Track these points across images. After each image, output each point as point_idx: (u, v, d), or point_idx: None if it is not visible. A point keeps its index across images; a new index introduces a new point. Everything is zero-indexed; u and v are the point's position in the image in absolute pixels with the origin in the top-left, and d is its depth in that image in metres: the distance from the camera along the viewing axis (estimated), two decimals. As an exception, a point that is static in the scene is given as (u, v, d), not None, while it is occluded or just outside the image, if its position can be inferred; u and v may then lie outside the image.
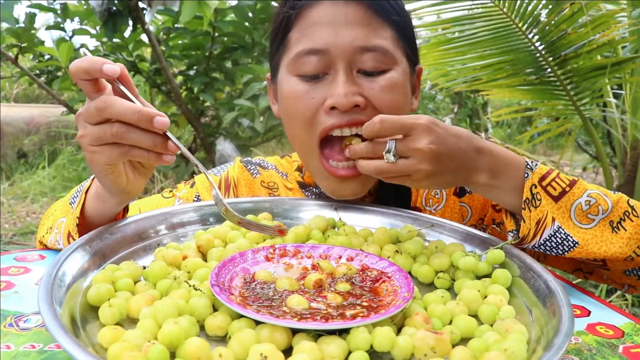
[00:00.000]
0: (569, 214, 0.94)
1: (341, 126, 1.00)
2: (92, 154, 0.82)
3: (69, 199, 1.03)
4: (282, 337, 0.65)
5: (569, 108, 2.99)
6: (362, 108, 0.99)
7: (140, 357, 0.57)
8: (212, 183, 0.91)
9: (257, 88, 3.56)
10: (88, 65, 0.78)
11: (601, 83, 2.86)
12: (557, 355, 0.59)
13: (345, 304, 0.73)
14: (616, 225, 0.94)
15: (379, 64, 1.00)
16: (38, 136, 6.32)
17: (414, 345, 0.65)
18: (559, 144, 7.46)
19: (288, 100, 1.05)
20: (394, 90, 1.02)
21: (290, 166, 1.27)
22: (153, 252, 0.90)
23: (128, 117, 0.78)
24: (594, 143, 3.14)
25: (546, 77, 2.88)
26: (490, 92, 3.40)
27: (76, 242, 0.82)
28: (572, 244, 0.93)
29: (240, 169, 1.25)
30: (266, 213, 1.05)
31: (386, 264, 0.86)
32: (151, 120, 0.78)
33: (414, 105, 1.13)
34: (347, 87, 0.98)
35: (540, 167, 0.95)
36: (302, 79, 1.02)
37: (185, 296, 0.73)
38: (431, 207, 1.19)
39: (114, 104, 0.78)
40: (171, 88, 3.60)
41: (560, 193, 0.94)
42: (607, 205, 0.94)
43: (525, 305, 0.81)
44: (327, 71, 1.01)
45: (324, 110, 1.00)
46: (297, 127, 1.05)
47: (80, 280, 0.77)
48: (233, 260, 0.83)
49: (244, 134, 4.14)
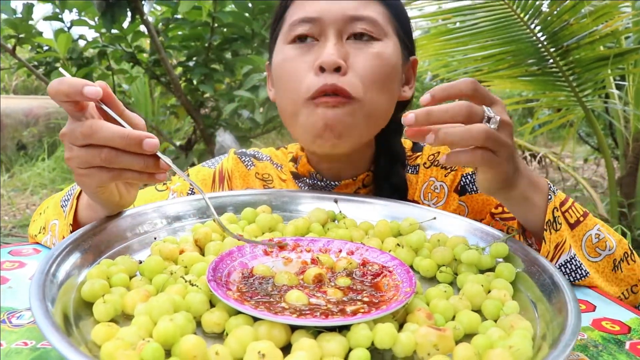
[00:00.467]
0: (580, 243, 0.94)
1: (325, 90, 1.00)
2: (81, 177, 0.80)
3: (60, 201, 1.02)
4: (281, 334, 0.64)
5: (571, 99, 2.97)
6: (342, 73, 1.01)
7: (134, 355, 0.56)
8: (212, 209, 0.87)
9: (257, 79, 3.53)
10: (67, 89, 0.74)
11: (604, 74, 2.85)
12: (564, 353, 0.57)
13: (345, 300, 0.71)
14: (617, 264, 0.95)
15: (369, 30, 1.04)
16: (37, 128, 6.29)
17: (416, 342, 0.64)
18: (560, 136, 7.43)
19: (281, 66, 1.08)
20: (379, 57, 1.04)
21: (285, 157, 1.25)
22: (149, 247, 0.88)
23: (116, 143, 0.75)
24: (596, 134, 3.12)
25: (548, 68, 2.86)
26: (492, 83, 3.38)
27: (70, 236, 0.80)
28: (584, 274, 0.93)
29: (235, 160, 1.24)
30: (265, 206, 1.03)
31: (387, 258, 0.84)
32: (140, 143, 0.75)
33: (407, 94, 1.14)
34: (335, 49, 1.01)
35: (559, 192, 0.95)
36: (294, 46, 1.06)
37: (181, 292, 0.71)
38: (430, 202, 1.17)
39: (99, 129, 0.74)
40: (170, 79, 3.57)
41: (575, 222, 0.94)
42: (612, 243, 0.95)
43: (530, 300, 0.79)
44: (318, 37, 1.05)
45: (314, 72, 1.02)
46: (288, 90, 1.06)
47: (74, 276, 0.75)
48: (231, 255, 0.81)
49: (244, 125, 4.12)
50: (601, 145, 3.10)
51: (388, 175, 1.17)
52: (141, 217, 0.93)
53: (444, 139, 0.76)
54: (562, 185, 5.40)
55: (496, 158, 0.79)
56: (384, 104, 1.07)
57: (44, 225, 1.04)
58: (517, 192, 0.88)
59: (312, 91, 1.01)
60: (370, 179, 1.18)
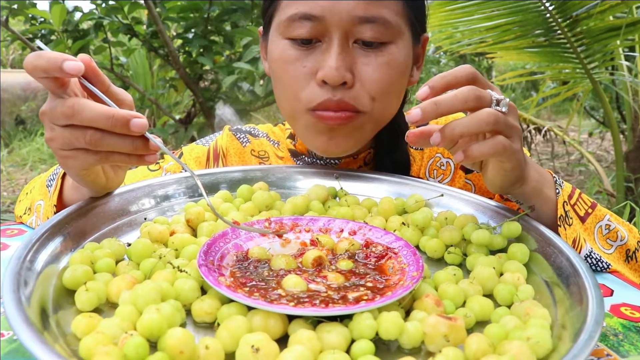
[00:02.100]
0: (593, 236, 0.89)
1: (329, 108, 0.91)
2: (64, 159, 0.73)
3: (45, 180, 0.96)
4: (277, 324, 0.59)
5: (579, 71, 2.90)
6: (349, 86, 0.91)
7: (115, 352, 0.50)
8: (203, 192, 0.78)
9: (256, 51, 3.46)
10: (45, 64, 0.66)
11: (613, 45, 2.77)
12: (588, 347, 0.52)
13: (347, 285, 0.66)
14: (632, 254, 0.90)
15: (379, 35, 0.91)
16: (36, 102, 6.20)
17: (425, 332, 0.59)
18: (564, 109, 7.35)
19: (278, 64, 0.96)
20: (390, 67, 0.93)
21: (283, 134, 1.19)
22: (139, 228, 0.83)
23: (100, 124, 0.68)
24: (603, 107, 3.05)
25: (556, 39, 2.79)
26: (497, 54, 3.32)
27: (52, 219, 0.74)
28: (606, 266, 0.87)
29: (229, 137, 1.18)
30: (262, 183, 0.98)
31: (392, 239, 0.78)
32: (127, 124, 0.68)
33: (415, 78, 1.03)
34: (339, 61, 0.89)
35: (565, 183, 0.89)
36: (294, 44, 0.93)
37: (170, 278, 0.65)
38: (435, 179, 1.12)
39: (82, 109, 0.67)
40: (169, 51, 3.50)
41: (585, 214, 0.89)
42: (624, 233, 0.90)
43: (545, 283, 0.73)
44: (321, 38, 0.92)
45: (316, 82, 0.92)
46: (287, 93, 0.96)
47: (56, 261, 0.69)
48: (224, 236, 0.75)
49: (244, 98, 4.05)
50: (608, 118, 3.03)
51: (391, 150, 1.11)
52: (131, 196, 0.88)
53: (452, 135, 0.69)
54: (567, 159, 5.34)
55: (512, 145, 0.72)
56: (393, 108, 0.99)
57: (30, 206, 0.98)
58: (530, 186, 0.82)
59: (314, 103, 0.92)
60: (371, 157, 1.12)
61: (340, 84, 0.90)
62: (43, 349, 0.47)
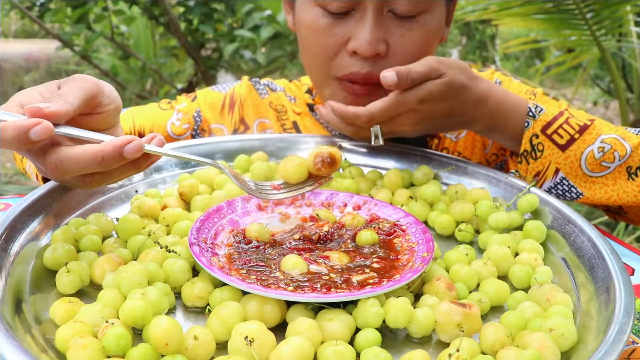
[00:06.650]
0: (578, 163, 0.87)
1: (356, 81, 0.91)
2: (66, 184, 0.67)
3: None
4: (274, 311, 0.54)
5: (585, 38, 2.82)
6: (382, 56, 0.90)
7: (94, 344, 0.45)
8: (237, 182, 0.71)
9: (258, 18, 3.39)
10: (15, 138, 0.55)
11: (623, 11, 2.69)
12: (619, 344, 0.47)
13: (351, 267, 0.61)
14: (634, 171, 0.86)
15: (414, 7, 0.88)
16: (38, 73, 6.15)
17: (436, 321, 0.54)
18: (568, 77, 7.25)
19: (308, 31, 0.94)
20: (424, 37, 0.91)
21: (299, 90, 1.15)
22: (129, 201, 0.77)
23: (94, 170, 0.60)
24: (611, 75, 2.98)
25: (564, 5, 2.71)
26: (502, 21, 3.23)
27: (33, 192, 0.68)
28: (577, 194, 0.89)
29: (248, 87, 1.14)
30: (260, 153, 0.92)
31: (401, 214, 0.73)
32: (121, 156, 0.59)
33: (445, 36, 1.02)
34: (373, 32, 0.87)
35: (546, 112, 0.88)
36: (326, 13, 0.90)
37: (159, 258, 0.60)
38: (452, 136, 1.07)
39: (67, 166, 0.59)
40: (169, 20, 3.43)
41: (568, 141, 0.87)
42: (624, 151, 0.86)
43: (564, 262, 0.68)
44: (355, 7, 0.89)
45: (347, 52, 0.90)
46: (316, 61, 0.95)
47: (36, 239, 0.64)
48: (219, 211, 0.70)
49: (246, 66, 3.99)
50: (616, 87, 2.95)
51: None
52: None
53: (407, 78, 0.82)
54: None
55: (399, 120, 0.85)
56: None
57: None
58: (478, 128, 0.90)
59: (341, 73, 0.91)
60: None
61: (374, 55, 0.89)
62: (8, 344, 0.42)
